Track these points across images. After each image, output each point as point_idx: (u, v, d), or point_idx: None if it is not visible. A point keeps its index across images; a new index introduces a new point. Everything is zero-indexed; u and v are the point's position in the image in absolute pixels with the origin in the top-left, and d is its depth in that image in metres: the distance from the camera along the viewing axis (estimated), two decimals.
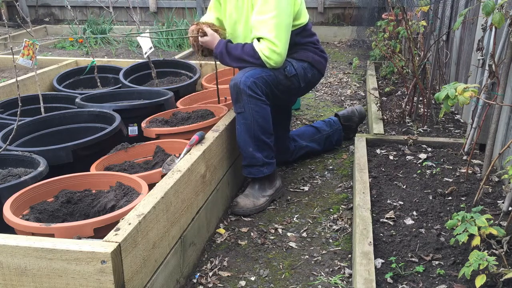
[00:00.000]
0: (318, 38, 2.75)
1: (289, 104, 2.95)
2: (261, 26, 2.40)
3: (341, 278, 1.94)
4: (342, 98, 4.34)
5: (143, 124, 2.68)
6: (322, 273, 1.98)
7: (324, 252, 2.13)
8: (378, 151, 2.72)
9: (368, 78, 4.30)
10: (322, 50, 2.73)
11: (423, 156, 2.59)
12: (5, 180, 2.06)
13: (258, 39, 2.44)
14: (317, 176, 2.86)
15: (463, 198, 2.14)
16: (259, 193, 2.50)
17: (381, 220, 2.05)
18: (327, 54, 2.77)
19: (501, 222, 1.83)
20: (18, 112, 2.08)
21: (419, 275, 1.69)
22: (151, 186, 1.88)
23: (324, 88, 4.67)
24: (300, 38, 2.61)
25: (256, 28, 2.43)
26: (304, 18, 2.62)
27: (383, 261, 1.77)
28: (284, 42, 2.42)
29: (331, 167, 2.98)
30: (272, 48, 2.40)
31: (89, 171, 2.20)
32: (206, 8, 7.16)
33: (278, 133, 2.69)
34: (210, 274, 2.00)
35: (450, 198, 2.16)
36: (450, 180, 2.32)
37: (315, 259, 2.09)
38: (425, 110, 3.10)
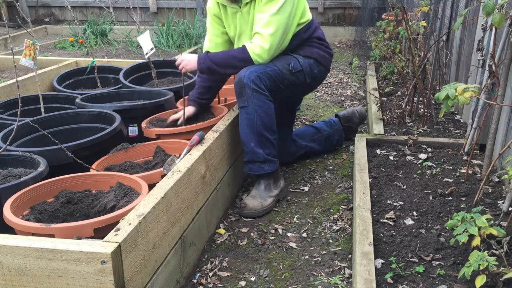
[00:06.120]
0: (322, 32, 2.75)
1: (295, 101, 2.96)
2: (259, 22, 2.42)
3: (341, 279, 1.94)
4: (342, 98, 4.34)
5: (143, 125, 2.68)
6: (322, 274, 1.98)
7: (324, 252, 2.13)
8: (378, 151, 2.72)
9: (368, 78, 4.30)
10: (327, 45, 2.73)
11: (423, 156, 2.59)
12: (5, 181, 2.06)
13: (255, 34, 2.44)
14: (317, 177, 2.86)
15: (463, 199, 2.14)
16: (266, 194, 2.49)
17: (381, 220, 2.05)
18: (332, 50, 2.78)
19: (501, 223, 1.83)
20: (18, 112, 2.08)
21: (419, 275, 1.69)
22: (151, 186, 1.88)
23: (324, 88, 4.67)
24: (306, 35, 2.63)
25: (255, 24, 2.45)
26: (309, 15, 2.64)
27: (383, 261, 1.77)
28: (276, 40, 2.41)
29: (331, 167, 2.98)
30: (262, 44, 2.39)
31: (89, 171, 2.20)
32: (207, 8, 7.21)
33: (281, 133, 2.69)
34: (210, 274, 2.00)
35: (450, 198, 2.16)
36: (450, 180, 2.32)
37: (315, 259, 2.09)
38: (425, 110, 3.10)
